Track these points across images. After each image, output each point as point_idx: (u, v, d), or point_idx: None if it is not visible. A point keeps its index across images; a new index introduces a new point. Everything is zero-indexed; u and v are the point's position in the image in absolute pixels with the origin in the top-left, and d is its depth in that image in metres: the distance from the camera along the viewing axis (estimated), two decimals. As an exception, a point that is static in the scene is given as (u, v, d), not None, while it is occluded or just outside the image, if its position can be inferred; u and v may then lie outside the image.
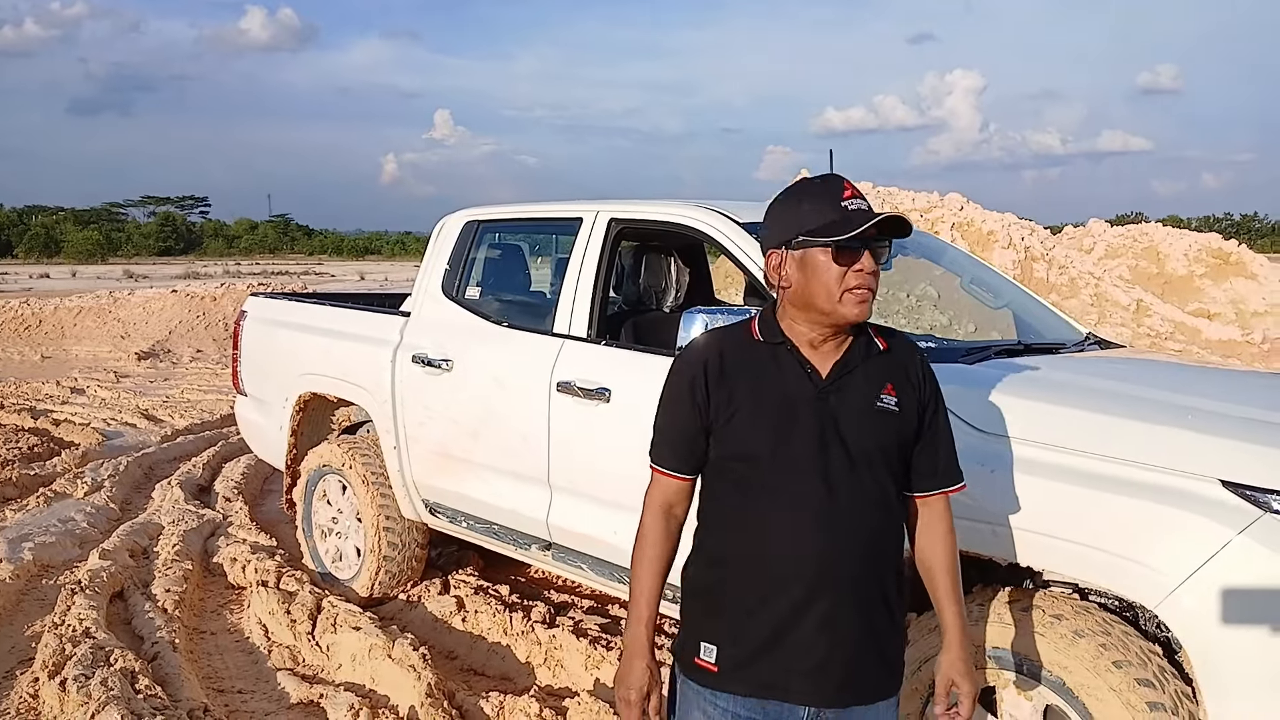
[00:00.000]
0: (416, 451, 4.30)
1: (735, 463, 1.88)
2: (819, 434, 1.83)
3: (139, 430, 8.94)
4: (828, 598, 1.81)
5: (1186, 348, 12.11)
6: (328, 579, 4.88)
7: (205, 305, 17.11)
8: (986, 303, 4.07)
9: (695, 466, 1.95)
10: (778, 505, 1.83)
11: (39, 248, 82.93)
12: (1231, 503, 2.19)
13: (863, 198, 1.84)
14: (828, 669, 1.83)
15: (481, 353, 4.02)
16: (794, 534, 1.82)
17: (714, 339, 1.98)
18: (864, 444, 1.84)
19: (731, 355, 1.91)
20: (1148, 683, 2.21)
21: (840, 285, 1.81)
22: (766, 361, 1.89)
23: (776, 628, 1.83)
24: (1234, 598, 2.12)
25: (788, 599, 1.82)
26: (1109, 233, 15.63)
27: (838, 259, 1.81)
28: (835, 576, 1.82)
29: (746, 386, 1.88)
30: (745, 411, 1.86)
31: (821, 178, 1.89)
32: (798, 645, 1.83)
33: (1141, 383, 2.91)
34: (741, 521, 1.88)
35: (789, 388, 1.86)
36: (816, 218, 1.82)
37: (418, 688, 3.52)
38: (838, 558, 1.81)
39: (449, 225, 4.49)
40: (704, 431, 1.91)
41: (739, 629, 1.87)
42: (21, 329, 16.44)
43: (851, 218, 1.80)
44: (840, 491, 1.82)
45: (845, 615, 1.82)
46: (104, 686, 3.38)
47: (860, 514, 1.83)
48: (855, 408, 1.85)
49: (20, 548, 5.06)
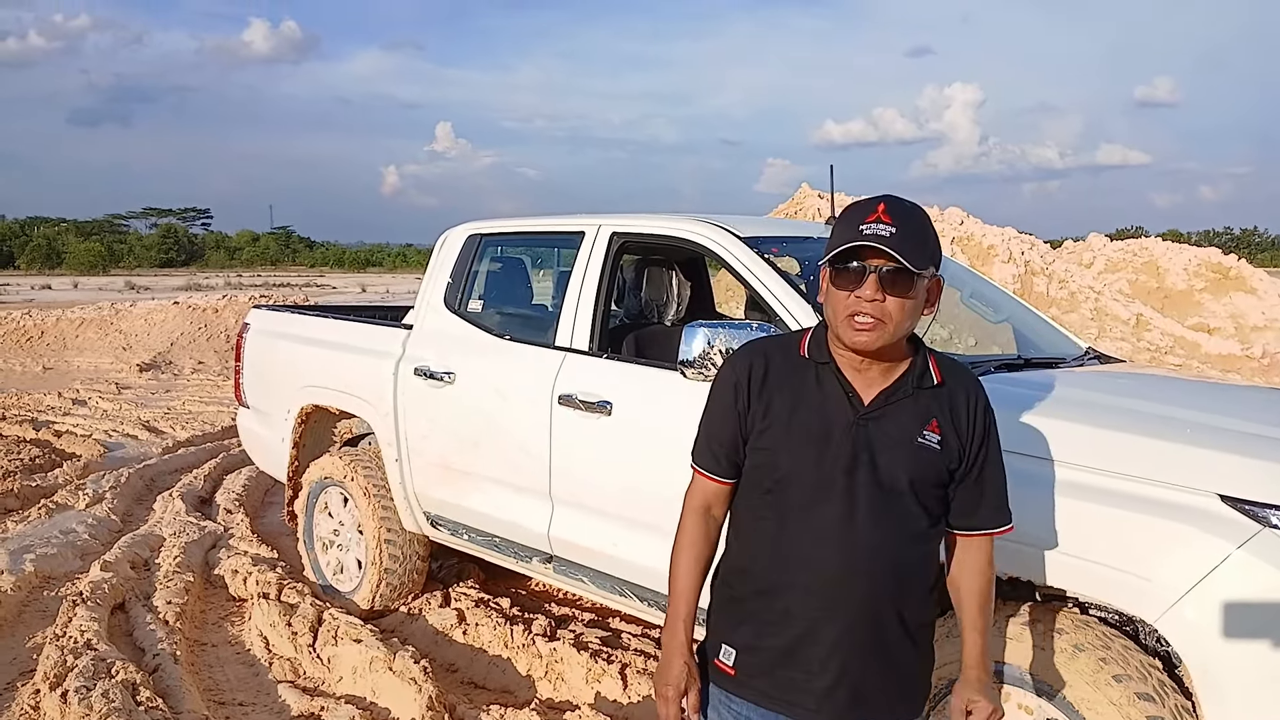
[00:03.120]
0: (418, 464, 4.31)
1: (762, 474, 1.88)
2: (850, 460, 1.80)
3: (140, 442, 8.94)
4: (843, 622, 1.82)
5: (1186, 362, 12.12)
6: (329, 591, 4.89)
7: (207, 317, 17.11)
8: (986, 317, 4.08)
9: (734, 471, 1.94)
10: (801, 525, 1.83)
11: (41, 259, 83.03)
12: (1231, 517, 2.20)
13: (893, 223, 1.73)
14: (836, 692, 1.83)
15: (483, 365, 4.04)
16: (813, 556, 1.82)
17: (764, 346, 1.96)
18: (896, 475, 1.81)
19: (778, 366, 1.90)
20: (1148, 697, 2.22)
21: (843, 310, 1.78)
22: (809, 379, 1.87)
23: (790, 644, 1.84)
24: (1234, 612, 2.13)
25: (804, 618, 1.83)
26: (1109, 247, 15.66)
27: (836, 282, 1.79)
28: (853, 602, 1.81)
29: (785, 401, 1.86)
30: (779, 426, 1.85)
31: (863, 200, 1.81)
32: (810, 664, 1.84)
33: (1141, 397, 2.92)
34: (765, 535, 1.88)
35: (827, 409, 1.83)
36: (836, 238, 1.78)
37: (419, 700, 3.52)
38: (856, 584, 1.81)
39: (451, 238, 4.51)
40: (741, 437, 1.90)
41: (756, 639, 1.89)
42: (23, 340, 16.44)
43: (857, 240, 1.74)
44: (865, 519, 1.80)
45: (860, 640, 1.82)
46: (105, 698, 3.38)
47: (884, 544, 1.81)
48: (894, 439, 1.82)
49: (22, 559, 5.06)
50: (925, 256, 1.76)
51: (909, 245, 1.73)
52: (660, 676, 1.96)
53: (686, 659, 1.94)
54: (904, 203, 1.80)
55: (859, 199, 1.82)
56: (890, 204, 1.77)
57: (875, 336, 1.76)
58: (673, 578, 1.98)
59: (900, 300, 1.75)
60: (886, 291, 1.74)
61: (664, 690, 1.94)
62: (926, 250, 1.77)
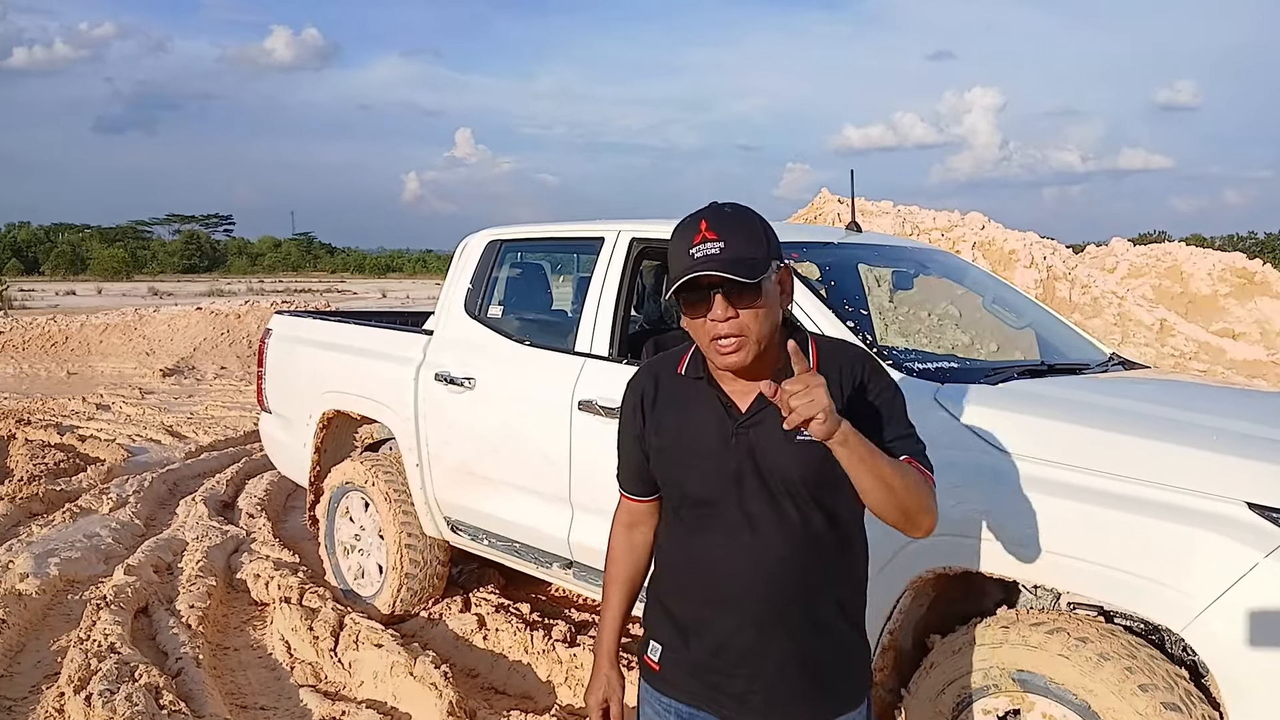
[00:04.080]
0: (439, 469, 4.32)
1: (669, 492, 1.93)
2: (735, 469, 1.81)
3: (164, 446, 9.01)
4: (750, 630, 1.83)
5: (1211, 368, 11.99)
6: (350, 596, 4.90)
7: (229, 323, 17.24)
8: (1009, 322, 4.05)
9: (651, 488, 1.98)
10: (702, 539, 1.86)
11: (65, 265, 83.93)
12: (1258, 525, 2.17)
13: (719, 238, 1.69)
14: (750, 697, 1.85)
15: (504, 371, 4.04)
16: (717, 568, 1.84)
17: (653, 367, 1.99)
18: (785, 475, 1.79)
19: (665, 386, 1.93)
20: (1174, 707, 2.19)
21: (704, 336, 1.75)
22: (691, 396, 1.88)
23: (709, 649, 1.87)
24: (1261, 621, 2.11)
25: (716, 627, 1.86)
26: (1131, 252, 15.53)
27: (688, 312, 1.76)
28: (760, 609, 1.82)
29: (672, 419, 1.89)
30: (671, 445, 1.88)
31: (691, 215, 1.76)
32: (724, 669, 1.86)
33: (1166, 404, 2.90)
34: (676, 548, 1.93)
35: (709, 424, 1.84)
36: (672, 267, 1.76)
37: (439, 706, 3.53)
38: (760, 590, 1.81)
39: (472, 244, 4.52)
40: (645, 457, 1.94)
41: (678, 640, 1.92)
42: (48, 345, 16.61)
43: (693, 267, 1.69)
44: (760, 525, 1.80)
45: (770, 646, 1.83)
46: (129, 701, 3.41)
47: (783, 548, 1.80)
48: (775, 440, 1.78)
49: (46, 563, 5.11)
50: (762, 258, 1.71)
51: (740, 255, 1.69)
52: (587, 689, 2.05)
53: (608, 670, 2.03)
54: (724, 210, 1.76)
55: (691, 214, 1.76)
56: (710, 219, 1.73)
57: (743, 355, 1.73)
58: (604, 595, 2.08)
59: (753, 310, 1.71)
60: (736, 307, 1.70)
61: (588, 699, 2.04)
62: (761, 250, 1.72)
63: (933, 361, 3.17)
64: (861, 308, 3.51)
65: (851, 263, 4.01)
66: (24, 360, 15.92)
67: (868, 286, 4.14)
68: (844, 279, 3.74)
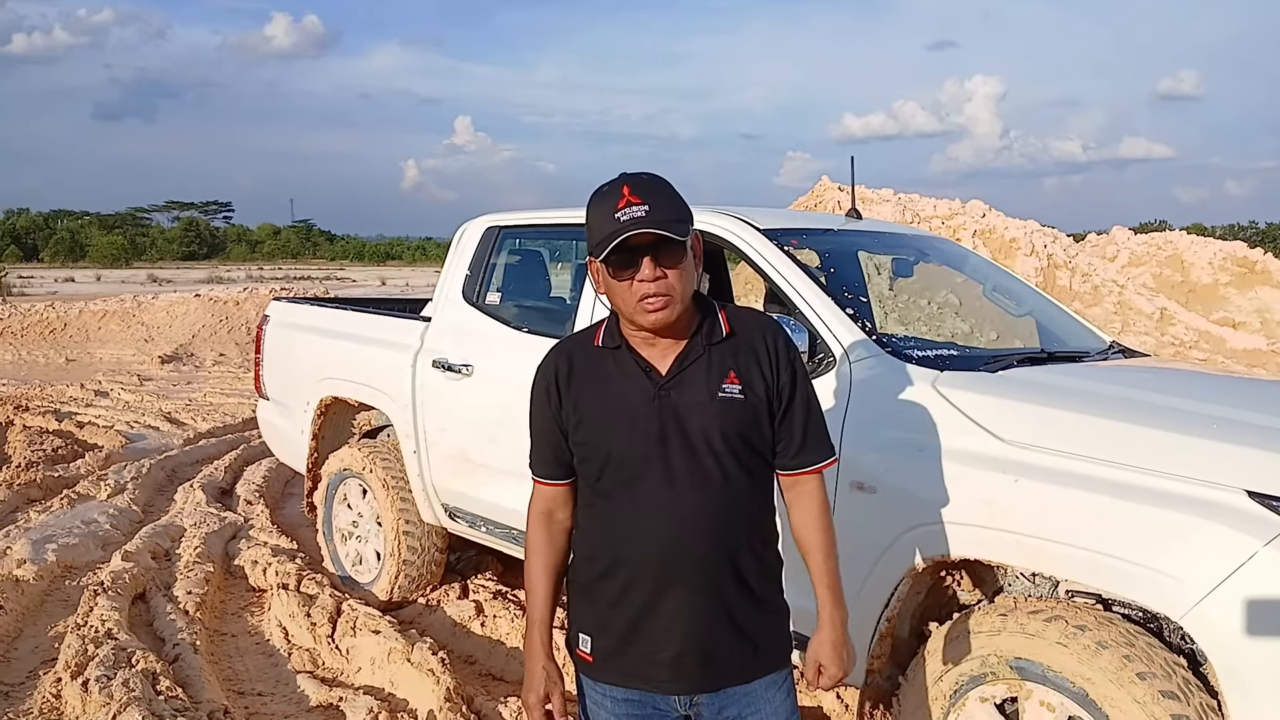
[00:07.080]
0: (436, 456, 4.31)
1: (588, 465, 1.94)
2: (660, 431, 1.86)
3: (162, 433, 9.01)
4: (679, 588, 1.87)
5: (1211, 357, 11.99)
6: (348, 582, 4.90)
7: (228, 309, 17.22)
8: (1009, 310, 4.04)
9: (567, 470, 2.01)
10: (627, 503, 1.89)
11: (64, 252, 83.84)
12: (1257, 513, 2.16)
13: (643, 201, 1.78)
14: (684, 658, 1.89)
15: (502, 358, 4.03)
16: (643, 530, 1.87)
17: (565, 346, 2.03)
18: (707, 433, 1.86)
19: (580, 362, 1.96)
20: (1172, 695, 2.19)
21: (631, 298, 1.82)
22: (609, 366, 1.93)
23: (634, 620, 1.90)
24: (1260, 609, 2.10)
25: (642, 592, 1.89)
26: (1132, 240, 15.49)
27: (615, 274, 1.82)
28: (684, 567, 1.86)
29: (591, 392, 1.93)
30: (590, 417, 1.92)
31: (608, 184, 1.85)
32: (654, 636, 1.89)
33: (1166, 392, 2.88)
34: (599, 520, 1.95)
35: (629, 390, 1.89)
36: (596, 232, 1.82)
37: (437, 692, 3.53)
38: (685, 548, 1.86)
39: (470, 231, 4.50)
40: (563, 435, 1.97)
41: (605, 621, 1.94)
42: (47, 332, 16.60)
43: (620, 230, 1.77)
44: (683, 483, 1.86)
45: (698, 603, 1.87)
46: (126, 687, 3.40)
47: (707, 505, 1.86)
48: (695, 400, 1.87)
49: (44, 549, 5.10)
50: (682, 220, 1.82)
51: (666, 216, 1.79)
52: (524, 686, 2.01)
53: (544, 663, 2.01)
54: (641, 177, 1.84)
55: (607, 183, 1.84)
56: (632, 183, 1.81)
57: (669, 312, 1.82)
58: (528, 588, 2.06)
59: (677, 270, 1.81)
60: (662, 267, 1.80)
61: (526, 697, 2.00)
62: (684, 211, 1.84)
63: (932, 349, 3.15)
64: (861, 295, 3.50)
65: (851, 250, 4.00)
66: (22, 347, 15.92)
67: (867, 274, 4.12)
68: (843, 266, 3.73)
